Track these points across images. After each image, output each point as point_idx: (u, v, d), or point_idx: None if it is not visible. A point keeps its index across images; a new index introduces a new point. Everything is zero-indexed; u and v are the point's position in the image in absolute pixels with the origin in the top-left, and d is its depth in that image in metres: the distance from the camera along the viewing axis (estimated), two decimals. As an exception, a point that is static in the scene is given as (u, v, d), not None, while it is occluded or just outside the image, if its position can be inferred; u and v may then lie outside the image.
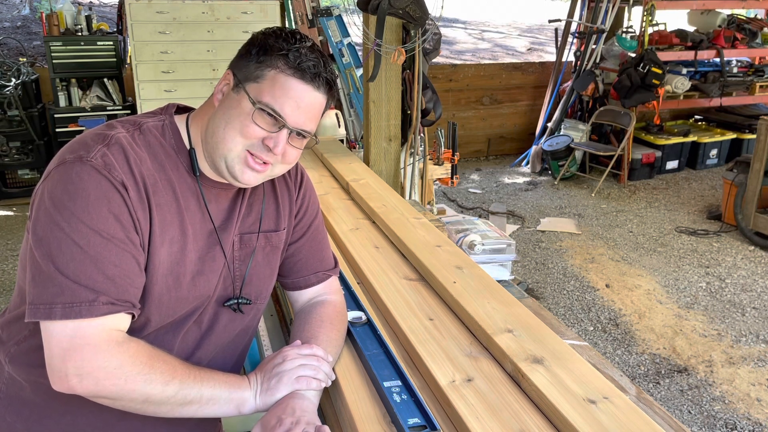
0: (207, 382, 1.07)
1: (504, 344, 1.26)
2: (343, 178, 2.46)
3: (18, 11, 8.63)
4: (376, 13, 2.60)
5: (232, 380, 1.11)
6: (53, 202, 1.00)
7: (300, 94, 1.08)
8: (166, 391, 1.02)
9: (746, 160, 4.78)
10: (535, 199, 5.68)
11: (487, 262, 2.04)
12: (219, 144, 1.09)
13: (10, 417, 1.14)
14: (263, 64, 1.08)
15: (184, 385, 1.04)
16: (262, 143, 1.08)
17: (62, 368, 0.98)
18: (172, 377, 1.03)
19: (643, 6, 5.77)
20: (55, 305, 0.97)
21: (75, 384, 0.98)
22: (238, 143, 1.08)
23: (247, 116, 1.07)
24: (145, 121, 1.13)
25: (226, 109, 1.09)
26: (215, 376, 1.10)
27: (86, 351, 0.98)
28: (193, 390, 1.05)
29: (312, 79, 1.08)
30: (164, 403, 1.03)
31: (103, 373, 0.98)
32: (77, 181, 1.00)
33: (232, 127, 1.08)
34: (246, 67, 1.09)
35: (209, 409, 1.08)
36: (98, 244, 0.99)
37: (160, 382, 1.02)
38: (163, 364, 1.04)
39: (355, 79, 4.85)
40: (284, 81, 1.07)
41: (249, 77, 1.08)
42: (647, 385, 3.05)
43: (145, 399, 1.02)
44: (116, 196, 1.01)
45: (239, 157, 1.09)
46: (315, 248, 1.34)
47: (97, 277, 0.99)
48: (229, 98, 1.10)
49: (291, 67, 1.07)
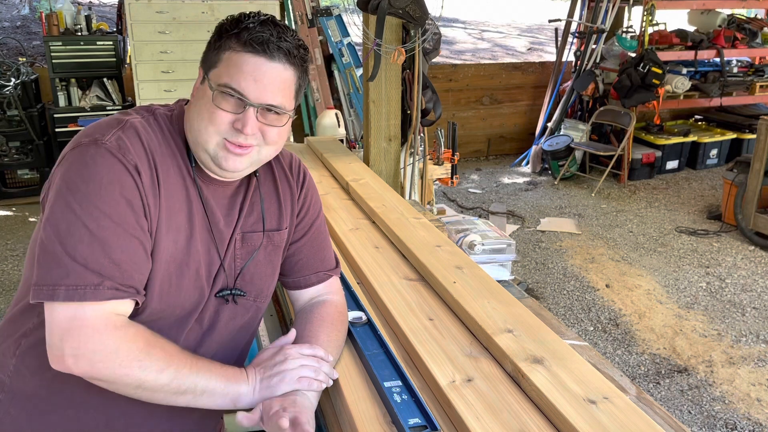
0: (203, 373, 1.07)
1: (504, 344, 1.26)
2: (343, 178, 2.46)
3: (17, 11, 8.63)
4: (376, 13, 2.60)
5: (230, 373, 1.10)
6: (67, 185, 1.01)
7: (255, 68, 1.07)
8: (160, 378, 1.02)
9: (746, 160, 4.78)
10: (535, 199, 5.68)
11: (487, 262, 2.04)
12: (197, 138, 1.10)
13: (14, 410, 1.15)
14: (219, 49, 1.09)
15: (179, 374, 1.04)
16: (232, 128, 1.08)
17: (60, 347, 0.99)
18: (168, 365, 1.03)
19: (643, 6, 5.77)
20: (59, 287, 0.97)
21: (71, 364, 0.99)
22: (212, 133, 1.08)
23: (211, 103, 1.07)
24: (158, 108, 1.16)
25: (196, 102, 1.11)
26: (212, 367, 1.09)
27: (84, 333, 0.98)
28: (188, 380, 1.04)
29: (264, 50, 1.06)
30: (158, 390, 1.03)
31: (99, 356, 0.98)
32: (91, 163, 1.01)
33: (201, 118, 1.09)
34: (208, 58, 1.11)
35: (204, 400, 1.07)
36: (108, 228, 1.00)
37: (154, 369, 1.01)
38: (159, 351, 1.03)
39: (355, 79, 4.84)
40: (237, 58, 1.07)
41: (210, 65, 1.10)
42: (647, 385, 3.05)
43: (138, 385, 1.02)
44: (129, 180, 1.02)
45: (218, 145, 1.09)
46: (316, 248, 1.34)
47: (104, 261, 0.99)
48: (199, 91, 1.12)
49: (242, 43, 1.07)
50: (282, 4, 5.11)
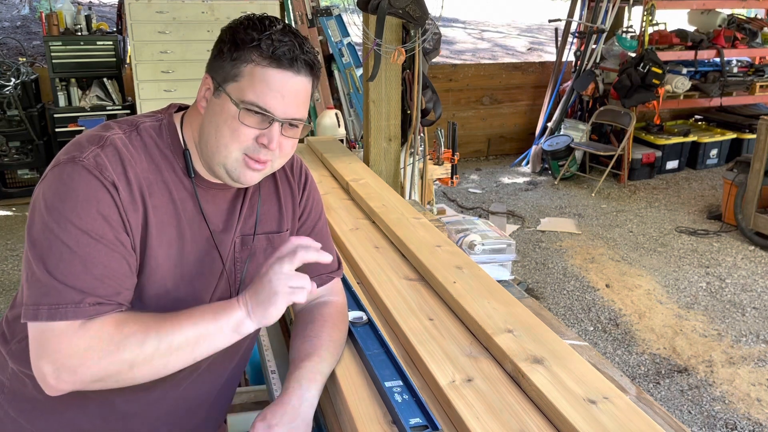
0: (187, 321, 1.02)
1: (504, 344, 1.26)
2: (343, 178, 2.46)
3: (17, 11, 8.63)
4: (376, 13, 2.60)
5: (216, 308, 1.05)
6: (45, 204, 0.99)
7: (282, 84, 1.04)
8: (145, 349, 0.98)
9: (746, 160, 4.78)
10: (535, 199, 5.68)
11: (487, 262, 2.04)
12: (214, 153, 1.07)
13: (14, 412, 1.15)
14: (238, 61, 1.04)
15: (162, 335, 1.00)
16: (256, 143, 1.06)
17: (40, 368, 0.97)
18: (146, 334, 0.99)
19: (643, 6, 5.77)
20: (42, 306, 0.96)
21: (55, 382, 0.96)
22: (232, 149, 1.06)
23: (234, 119, 1.04)
24: (143, 121, 1.12)
25: (213, 116, 1.07)
26: (195, 312, 1.04)
27: (52, 343, 0.96)
28: (176, 336, 1.00)
29: (290, 64, 1.03)
30: (151, 359, 0.99)
31: (76, 360, 0.96)
32: (68, 181, 1.00)
33: (222, 135, 1.05)
34: (222, 68, 1.06)
35: (205, 346, 1.03)
36: (87, 245, 0.98)
37: (135, 344, 0.98)
38: (132, 324, 0.99)
39: (355, 79, 4.85)
40: (262, 74, 1.03)
41: (227, 78, 1.05)
42: (647, 385, 3.05)
43: (129, 365, 0.98)
44: (106, 196, 1.00)
45: (237, 161, 1.07)
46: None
47: (84, 278, 0.98)
48: (213, 104, 1.07)
49: (266, 57, 1.02)
50: (282, 4, 5.11)
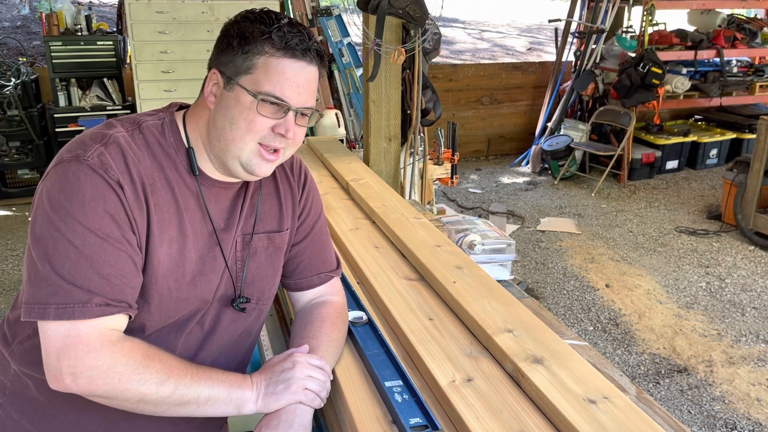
0: (205, 381, 1.05)
1: (504, 344, 1.26)
2: (343, 178, 2.46)
3: (18, 11, 8.63)
4: (376, 13, 2.60)
5: (233, 379, 1.09)
6: (50, 202, 1.00)
7: (296, 73, 1.07)
8: (161, 391, 1.01)
9: (746, 160, 4.78)
10: (535, 199, 5.68)
11: (487, 262, 2.04)
12: (229, 146, 1.08)
13: (16, 414, 1.15)
14: (250, 53, 1.06)
15: (181, 384, 1.03)
16: (272, 132, 1.08)
17: (57, 367, 0.98)
18: (168, 377, 1.02)
19: (643, 6, 5.77)
20: (49, 305, 0.97)
21: (69, 383, 0.98)
22: (248, 140, 1.07)
23: (250, 110, 1.06)
24: (145, 120, 1.12)
25: (225, 110, 1.08)
26: (214, 375, 1.08)
27: (79, 350, 0.97)
28: (190, 390, 1.03)
29: (303, 54, 1.07)
30: (160, 403, 1.02)
31: (97, 372, 0.97)
32: (74, 180, 1.00)
33: (237, 127, 1.07)
34: (232, 62, 1.07)
35: (208, 409, 1.06)
36: (94, 244, 0.99)
37: (154, 382, 1.00)
38: (158, 363, 1.02)
39: (355, 79, 4.85)
40: (277, 64, 1.05)
41: (239, 71, 1.06)
42: (647, 385, 3.05)
43: (139, 399, 1.01)
44: (112, 195, 1.01)
45: (253, 152, 1.09)
46: (318, 249, 1.33)
47: (92, 277, 0.98)
48: (224, 98, 1.08)
49: (279, 48, 1.05)
50: (282, 4, 5.11)
